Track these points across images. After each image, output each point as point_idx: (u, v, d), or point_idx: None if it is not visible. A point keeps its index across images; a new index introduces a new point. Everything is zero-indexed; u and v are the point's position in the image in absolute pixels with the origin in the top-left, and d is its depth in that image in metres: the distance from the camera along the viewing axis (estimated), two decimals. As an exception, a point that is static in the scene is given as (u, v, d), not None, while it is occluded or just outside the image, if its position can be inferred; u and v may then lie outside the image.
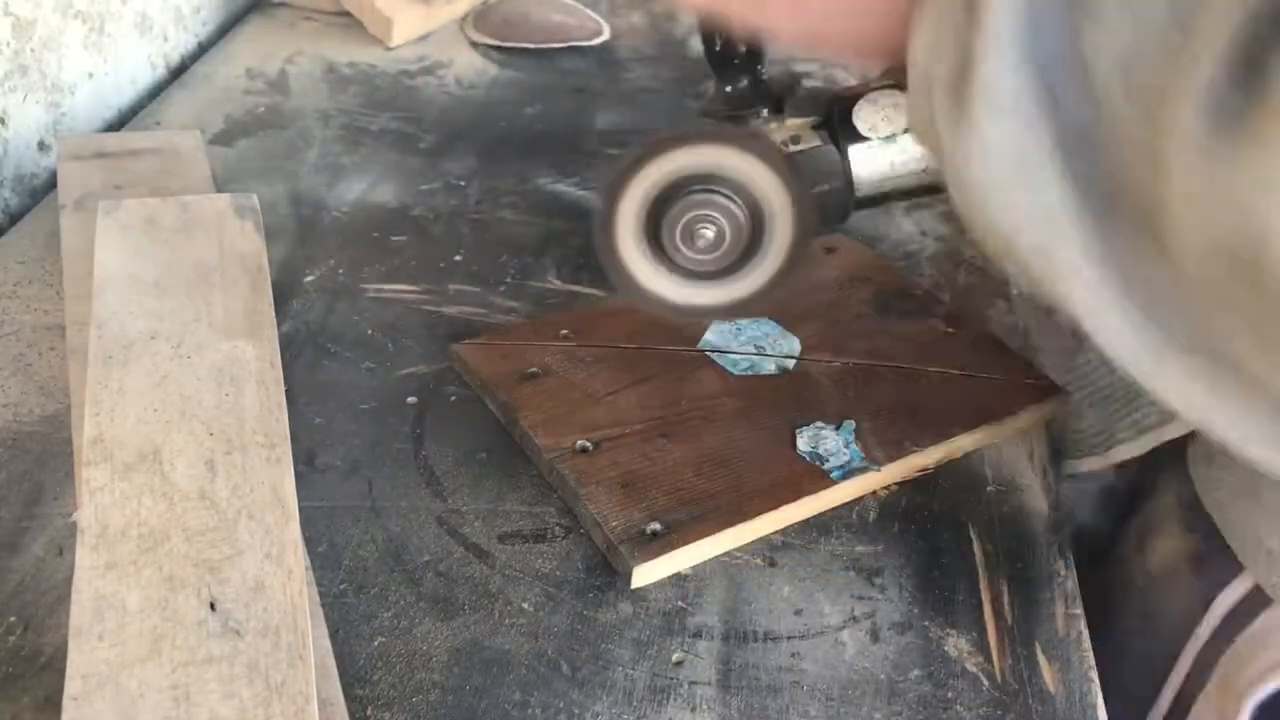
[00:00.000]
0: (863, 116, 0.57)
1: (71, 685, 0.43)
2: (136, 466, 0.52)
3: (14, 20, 0.85)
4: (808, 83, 0.61)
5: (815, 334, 0.70)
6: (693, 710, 0.50)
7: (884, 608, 0.55)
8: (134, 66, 1.03)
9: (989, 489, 0.62)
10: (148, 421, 0.55)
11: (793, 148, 0.58)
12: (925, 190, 0.61)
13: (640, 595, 0.55)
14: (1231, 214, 0.34)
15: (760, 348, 0.68)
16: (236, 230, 0.68)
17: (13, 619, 0.52)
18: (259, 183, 0.86)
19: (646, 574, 0.55)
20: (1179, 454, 0.63)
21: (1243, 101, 0.33)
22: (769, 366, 0.67)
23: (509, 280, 0.77)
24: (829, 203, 0.60)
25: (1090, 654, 0.54)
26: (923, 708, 0.51)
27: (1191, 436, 0.61)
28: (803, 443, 0.61)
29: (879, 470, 0.60)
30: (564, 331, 0.69)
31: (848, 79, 0.61)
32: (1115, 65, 0.37)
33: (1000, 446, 0.65)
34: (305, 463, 0.61)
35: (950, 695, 0.51)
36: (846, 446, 0.61)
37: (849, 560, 0.57)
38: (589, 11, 1.19)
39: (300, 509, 0.52)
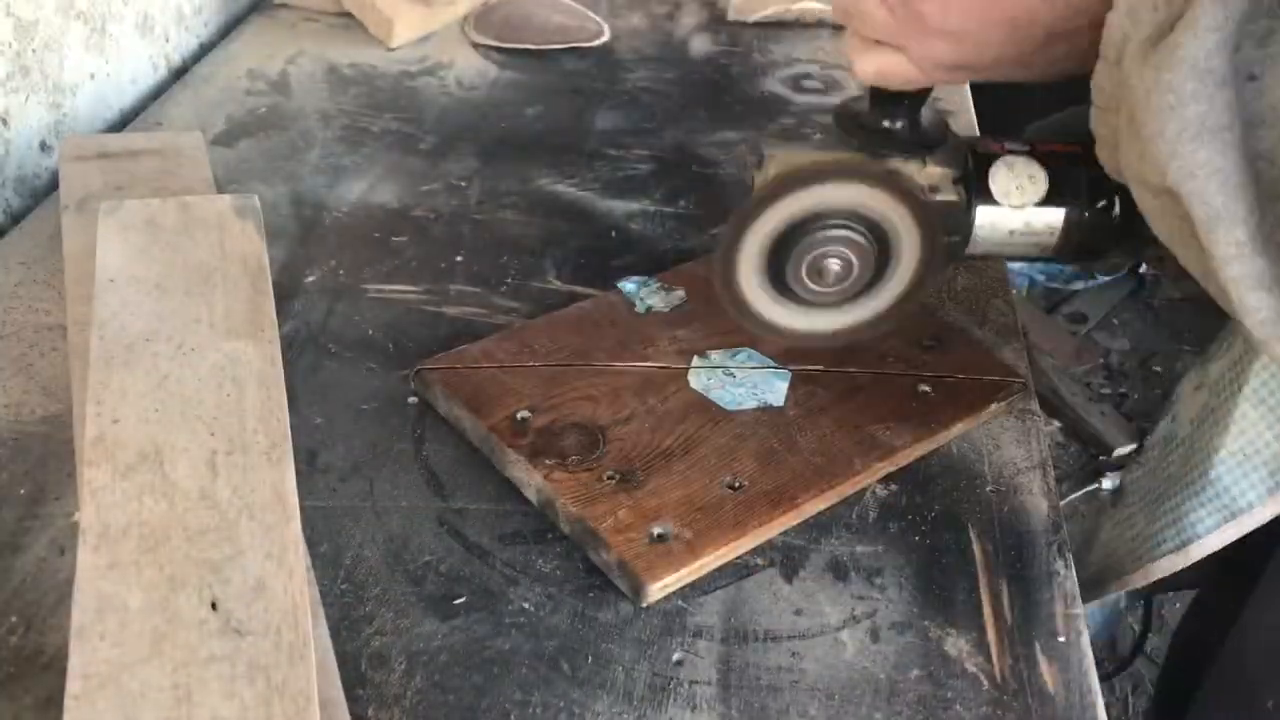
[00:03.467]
0: (998, 180, 0.57)
1: (73, 685, 0.43)
2: (138, 466, 0.52)
3: (16, 21, 0.85)
4: (955, 132, 0.61)
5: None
6: (693, 710, 0.50)
7: (884, 608, 0.55)
8: (135, 67, 1.04)
9: (989, 489, 0.62)
10: (149, 422, 0.55)
11: (931, 196, 0.58)
12: (1030, 260, 0.61)
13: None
14: None
15: (756, 394, 0.66)
16: (237, 231, 0.68)
17: (14, 619, 0.52)
18: (260, 183, 0.87)
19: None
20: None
21: None
22: (750, 403, 0.65)
23: (510, 281, 0.77)
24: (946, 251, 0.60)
25: (1089, 654, 0.54)
26: (922, 707, 0.51)
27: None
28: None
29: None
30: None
31: (986, 139, 0.61)
32: None
33: (1001, 447, 0.65)
34: (306, 463, 0.61)
35: (950, 695, 0.51)
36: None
37: (849, 560, 0.58)
38: (589, 13, 1.19)
39: (301, 509, 0.52)
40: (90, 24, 0.95)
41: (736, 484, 0.59)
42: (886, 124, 0.59)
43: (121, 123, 0.99)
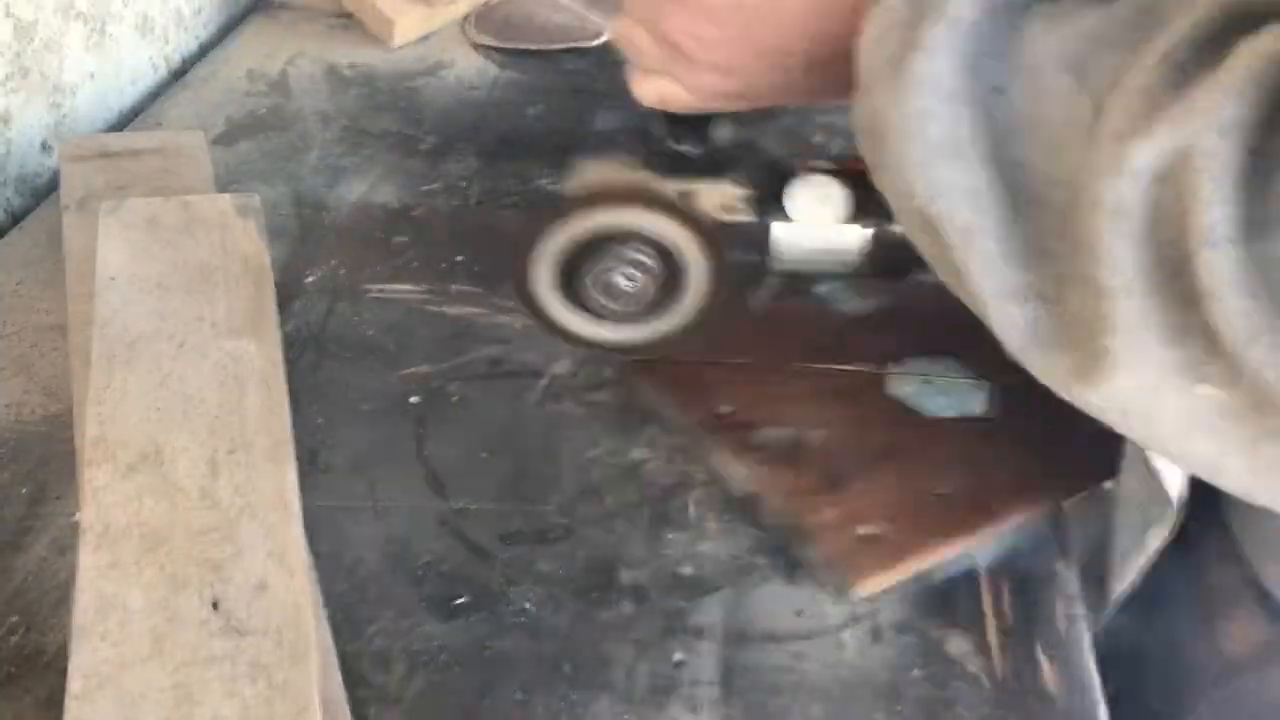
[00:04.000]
0: (795, 199, 0.59)
1: (74, 684, 0.43)
2: (139, 466, 0.52)
3: (15, 22, 0.85)
4: (750, 151, 0.63)
5: None
6: (694, 710, 0.50)
7: (885, 608, 0.55)
8: (135, 68, 1.03)
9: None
10: (150, 421, 0.55)
11: (725, 217, 0.60)
12: (842, 277, 0.63)
13: (642, 595, 0.55)
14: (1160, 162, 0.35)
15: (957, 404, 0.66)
16: (239, 230, 0.68)
17: (15, 618, 0.52)
18: (260, 184, 0.86)
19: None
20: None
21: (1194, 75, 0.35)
22: (951, 413, 0.65)
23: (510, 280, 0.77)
24: (741, 270, 0.61)
25: (1091, 655, 0.54)
26: (923, 708, 0.51)
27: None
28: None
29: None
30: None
31: (792, 151, 0.62)
32: (1066, 62, 0.38)
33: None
34: (307, 462, 0.61)
35: (951, 696, 0.51)
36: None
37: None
38: (590, 12, 1.19)
39: (302, 509, 0.52)
40: (90, 24, 0.95)
41: (941, 491, 0.59)
42: (676, 146, 0.60)
43: (121, 123, 0.99)
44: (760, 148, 0.62)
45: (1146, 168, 0.35)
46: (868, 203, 0.58)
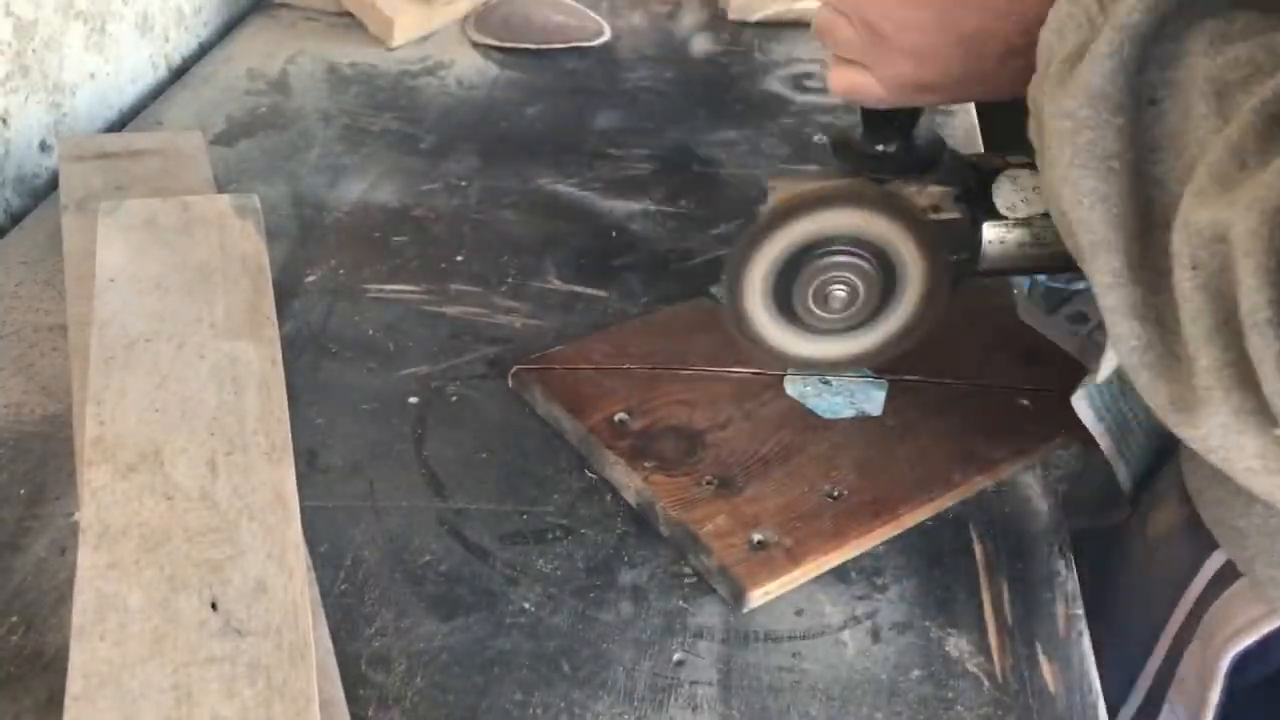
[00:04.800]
0: (1002, 194, 0.57)
1: (73, 685, 0.43)
2: (138, 466, 0.52)
3: (15, 21, 0.85)
4: (952, 149, 0.61)
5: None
6: (694, 710, 0.50)
7: (885, 608, 0.55)
8: (135, 67, 1.03)
9: (989, 489, 0.62)
10: (149, 422, 0.55)
11: (932, 216, 0.58)
12: (1048, 272, 0.61)
13: (641, 595, 0.55)
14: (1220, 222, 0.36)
15: (851, 399, 0.65)
16: (238, 231, 0.68)
17: (15, 619, 0.52)
18: (260, 183, 0.87)
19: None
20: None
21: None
22: (848, 414, 0.64)
23: (510, 280, 0.77)
24: (953, 271, 0.59)
25: (1091, 654, 0.54)
26: (923, 708, 0.51)
27: None
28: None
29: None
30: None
31: (987, 154, 0.60)
32: (1212, 87, 0.39)
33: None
34: (306, 463, 0.61)
35: (951, 695, 0.51)
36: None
37: (850, 560, 0.57)
38: (590, 12, 1.19)
39: (301, 509, 0.52)
40: (90, 24, 0.95)
41: (836, 493, 0.59)
42: (880, 147, 0.59)
43: (121, 122, 0.99)
44: (954, 146, 0.61)
45: (1207, 229, 0.36)
46: None
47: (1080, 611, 0.56)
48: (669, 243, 0.83)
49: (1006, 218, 0.57)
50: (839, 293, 0.57)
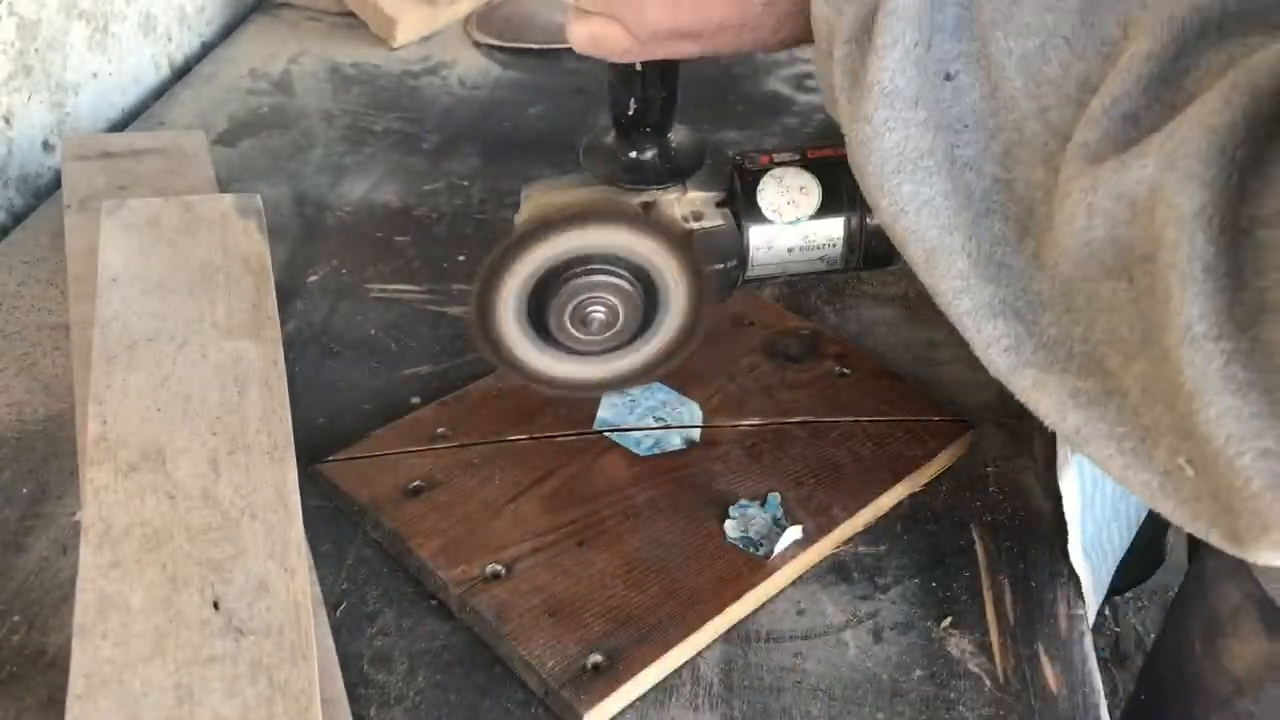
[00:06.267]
0: (767, 197, 0.54)
1: (75, 684, 0.43)
2: (140, 466, 0.52)
3: (18, 20, 0.85)
4: (713, 154, 0.58)
5: (714, 393, 0.63)
6: (695, 710, 0.50)
7: (886, 608, 0.55)
8: (138, 67, 1.04)
9: (991, 490, 0.62)
10: (151, 421, 0.55)
11: (694, 225, 0.55)
12: (818, 275, 0.57)
13: (643, 595, 0.55)
14: (1121, 212, 0.34)
15: (660, 419, 0.62)
16: (240, 230, 0.68)
17: (17, 618, 0.52)
18: (263, 183, 0.87)
19: (598, 716, 0.48)
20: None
21: (1154, 115, 0.34)
22: (675, 441, 0.61)
23: (512, 280, 0.77)
24: (719, 281, 0.56)
25: (1092, 654, 0.54)
26: (925, 708, 0.51)
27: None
28: (732, 529, 0.56)
29: (812, 546, 0.56)
30: (441, 429, 0.61)
31: (752, 153, 0.57)
32: (1021, 64, 0.37)
33: (1001, 445, 0.65)
34: (308, 462, 0.61)
35: (953, 695, 0.51)
36: (776, 524, 0.56)
37: (851, 560, 0.57)
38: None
39: (303, 508, 0.52)
40: (93, 23, 0.95)
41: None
42: (635, 155, 0.55)
43: (124, 122, 0.99)
44: (719, 148, 0.57)
45: (1119, 201, 0.34)
46: (838, 192, 0.54)
47: (1082, 611, 0.56)
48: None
49: (773, 220, 0.55)
50: (598, 314, 0.52)
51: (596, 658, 0.50)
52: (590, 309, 0.52)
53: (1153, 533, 0.67)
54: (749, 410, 0.63)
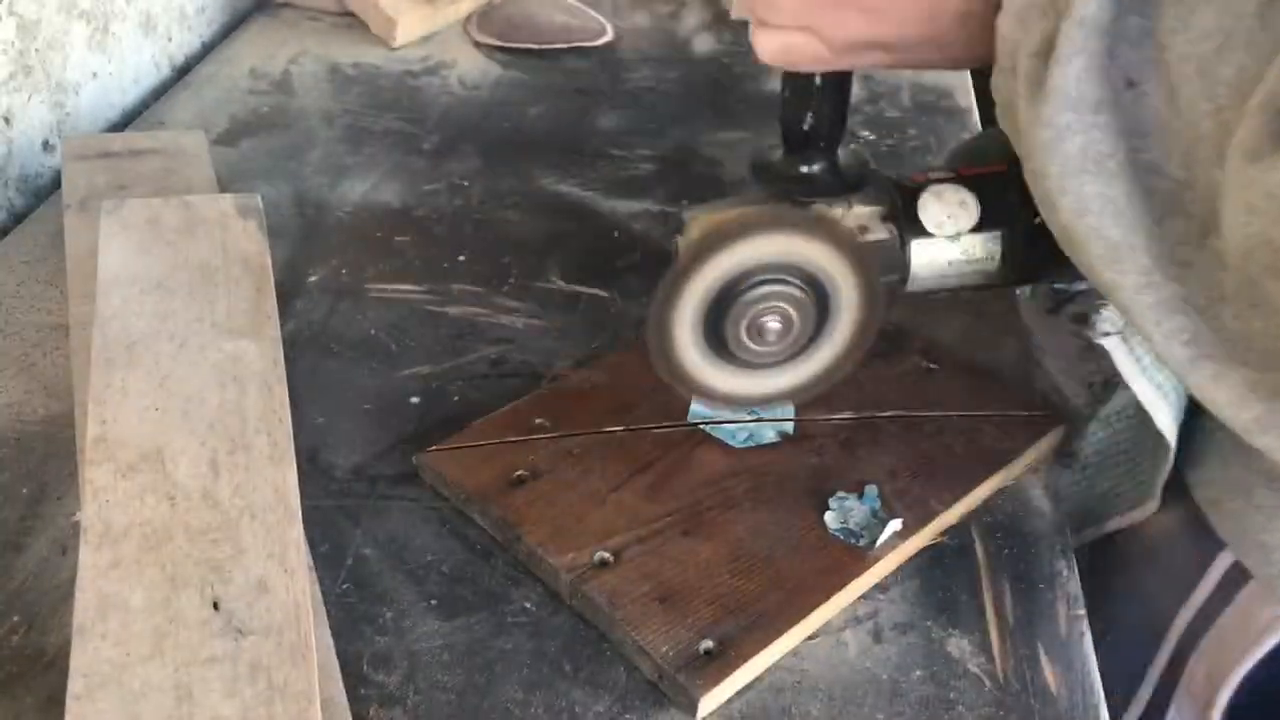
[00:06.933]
0: (929, 211, 0.56)
1: (74, 684, 0.43)
2: (139, 466, 0.52)
3: (18, 20, 0.85)
4: (875, 169, 0.59)
5: None
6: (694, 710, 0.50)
7: (886, 608, 0.55)
8: (138, 66, 1.04)
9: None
10: (151, 421, 0.55)
11: (861, 238, 0.56)
12: (974, 290, 0.58)
13: (642, 595, 0.55)
14: (1274, 211, 0.35)
15: (754, 412, 0.62)
16: (240, 230, 0.68)
17: (16, 618, 0.52)
18: (263, 183, 0.87)
19: (712, 701, 0.50)
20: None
21: None
22: (769, 434, 0.62)
23: (512, 281, 0.77)
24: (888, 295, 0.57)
25: (1092, 654, 0.54)
26: (925, 708, 0.51)
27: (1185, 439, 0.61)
28: (832, 520, 0.57)
29: (912, 538, 0.57)
30: (539, 420, 0.62)
31: (912, 169, 0.58)
32: (1200, 67, 0.38)
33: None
34: (308, 462, 0.61)
35: (952, 696, 0.51)
36: (875, 516, 0.57)
37: (851, 561, 0.57)
38: (592, 12, 1.19)
39: (303, 509, 0.52)
40: (93, 23, 0.95)
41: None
42: (804, 169, 0.57)
43: (124, 122, 0.99)
44: (878, 165, 0.59)
45: (1270, 200, 0.35)
46: (995, 207, 0.55)
47: (1082, 612, 0.56)
48: (671, 243, 0.82)
49: (934, 235, 0.56)
50: (773, 324, 0.53)
51: (708, 644, 0.51)
52: (765, 319, 0.53)
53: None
54: (840, 404, 0.64)
